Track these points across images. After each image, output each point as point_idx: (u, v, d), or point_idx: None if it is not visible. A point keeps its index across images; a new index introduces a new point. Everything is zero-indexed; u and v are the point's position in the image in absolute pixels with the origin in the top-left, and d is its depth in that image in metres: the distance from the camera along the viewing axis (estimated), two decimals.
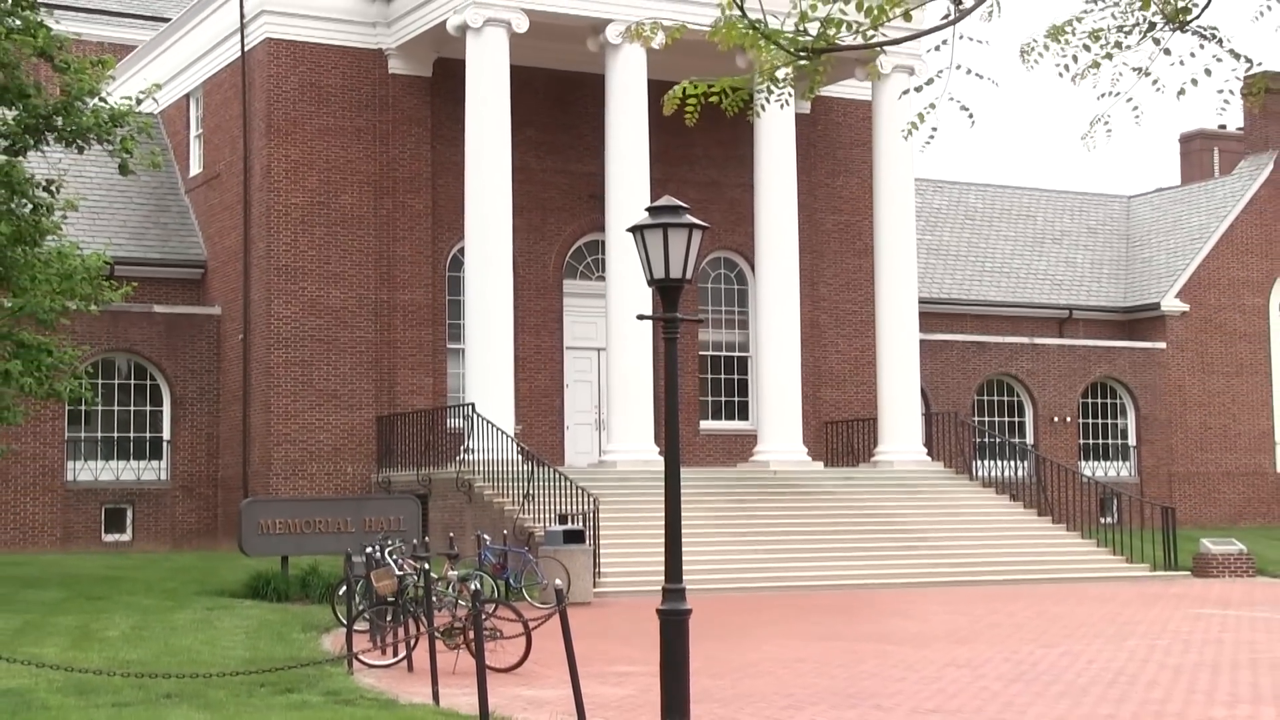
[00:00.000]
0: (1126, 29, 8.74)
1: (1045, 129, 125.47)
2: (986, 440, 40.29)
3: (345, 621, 18.16)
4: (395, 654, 17.12)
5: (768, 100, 8.98)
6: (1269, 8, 8.68)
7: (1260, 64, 9.22)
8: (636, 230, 12.63)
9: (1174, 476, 44.25)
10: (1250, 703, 14.47)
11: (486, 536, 25.57)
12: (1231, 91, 9.05)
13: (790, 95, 9.20)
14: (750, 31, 8.33)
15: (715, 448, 36.82)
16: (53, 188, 24.48)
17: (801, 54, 8.40)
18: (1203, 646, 19.34)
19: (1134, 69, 8.62)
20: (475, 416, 31.21)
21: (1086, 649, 18.98)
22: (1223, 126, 57.48)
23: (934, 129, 8.79)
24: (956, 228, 47.71)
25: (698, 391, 37.45)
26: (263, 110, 34.23)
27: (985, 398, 42.71)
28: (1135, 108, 8.69)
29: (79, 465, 34.28)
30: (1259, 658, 18.17)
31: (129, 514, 34.54)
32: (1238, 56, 8.65)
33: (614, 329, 32.14)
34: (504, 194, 32.10)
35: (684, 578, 12.78)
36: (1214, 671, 16.79)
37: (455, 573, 18.83)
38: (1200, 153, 65.15)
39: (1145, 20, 8.68)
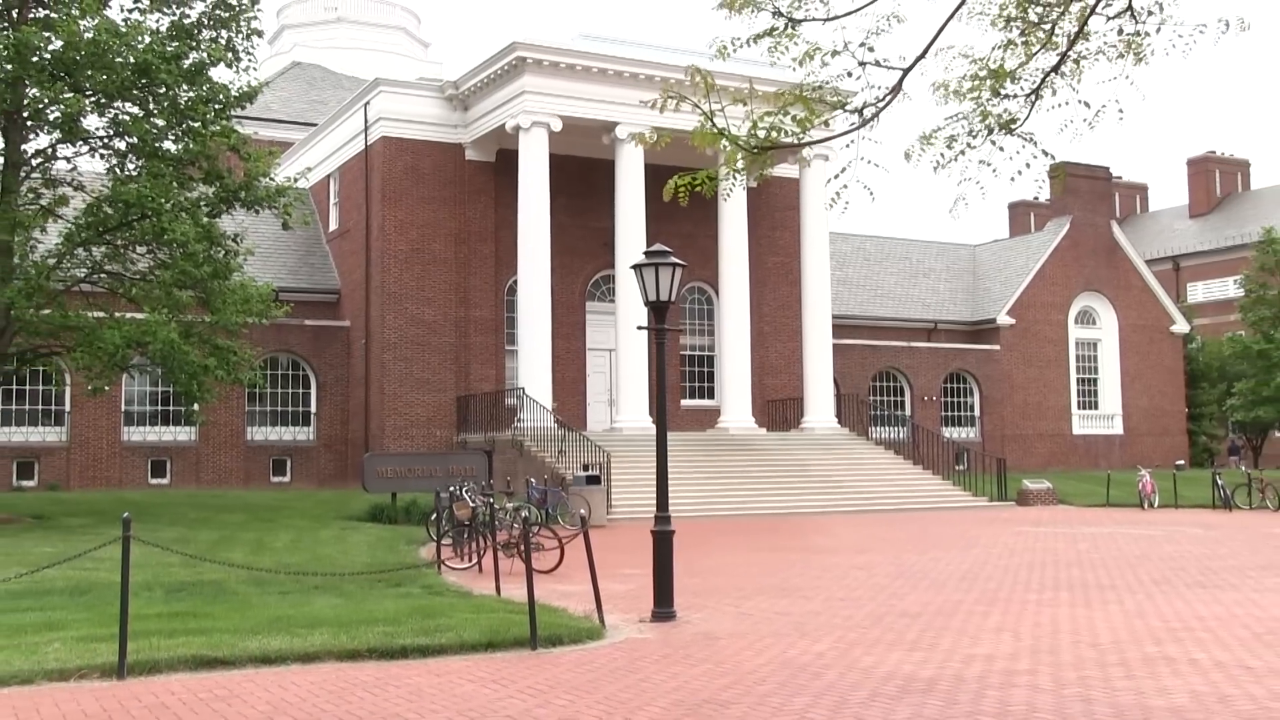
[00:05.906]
0: (974, 133, 8.81)
1: (917, 197, 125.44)
2: (878, 413, 40.35)
3: (435, 538, 18.22)
4: (470, 561, 17.15)
5: (732, 187, 9.04)
6: (1069, 123, 8.76)
7: (1060, 159, 9.29)
8: (637, 268, 12.66)
9: (1005, 437, 44.29)
10: (1052, 590, 14.56)
11: (532, 480, 25.64)
12: (1044, 177, 9.15)
13: (743, 182, 9.24)
14: (718, 134, 8.40)
15: (691, 418, 36.85)
16: (237, 240, 24.51)
17: (754, 150, 8.46)
18: (1023, 552, 19.39)
19: (980, 161, 8.70)
20: (525, 397, 31.25)
21: (946, 555, 19.02)
22: (1037, 198, 57.32)
23: (846, 203, 8.84)
24: (858, 265, 47.72)
25: (680, 379, 37.47)
26: (379, 186, 34.25)
27: (878, 383, 42.72)
28: (981, 187, 8.76)
29: (255, 429, 34.31)
30: (1059, 559, 18.23)
31: (288, 463, 34.57)
32: (1047, 154, 8.74)
33: (621, 336, 32.17)
34: (545, 242, 32.15)
35: (669, 508, 12.84)
36: (1030, 569, 16.84)
37: (511, 504, 18.87)
38: (1022, 215, 65.37)
39: (986, 127, 8.77)
